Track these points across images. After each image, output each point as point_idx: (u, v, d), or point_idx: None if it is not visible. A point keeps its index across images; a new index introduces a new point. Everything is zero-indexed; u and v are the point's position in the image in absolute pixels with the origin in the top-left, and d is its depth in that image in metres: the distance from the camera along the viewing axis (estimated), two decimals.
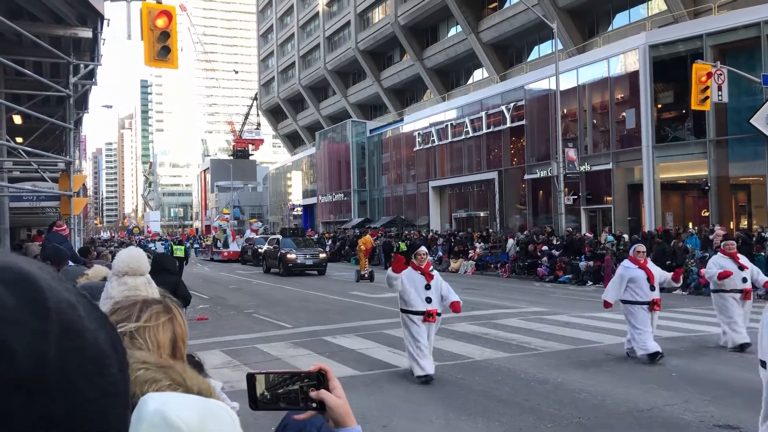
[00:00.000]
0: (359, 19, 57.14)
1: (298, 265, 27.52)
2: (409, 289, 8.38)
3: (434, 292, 8.47)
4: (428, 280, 8.46)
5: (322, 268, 28.15)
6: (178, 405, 1.05)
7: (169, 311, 1.44)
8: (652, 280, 9.58)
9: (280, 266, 28.08)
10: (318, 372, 1.35)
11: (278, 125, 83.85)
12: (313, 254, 28.26)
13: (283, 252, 28.02)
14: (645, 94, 26.15)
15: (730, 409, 6.82)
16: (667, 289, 19.60)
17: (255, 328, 13.12)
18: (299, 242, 30.03)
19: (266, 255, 30.68)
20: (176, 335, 1.42)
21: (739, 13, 24.75)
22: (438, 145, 40.39)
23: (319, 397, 1.32)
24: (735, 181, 25.39)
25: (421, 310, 8.36)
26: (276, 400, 1.32)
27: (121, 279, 3.04)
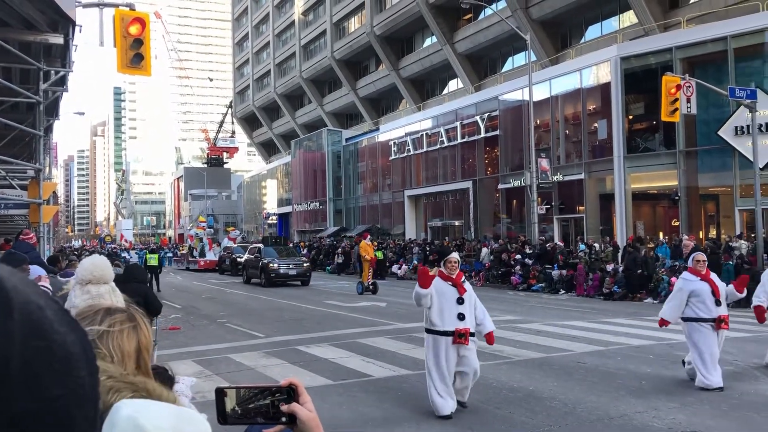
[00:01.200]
0: (335, 29, 57.26)
1: (281, 275, 26.50)
2: (437, 303, 7.03)
3: (468, 308, 7.11)
4: (461, 292, 7.11)
5: (306, 278, 27.15)
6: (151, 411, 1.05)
7: (133, 320, 1.43)
8: (717, 293, 8.37)
9: (261, 276, 27.02)
10: (289, 386, 1.35)
11: (253, 133, 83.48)
12: (296, 264, 27.30)
13: (265, 261, 27.00)
14: (616, 106, 26.56)
15: (698, 416, 6.92)
16: (637, 297, 19.91)
17: (228, 338, 13.01)
18: (281, 251, 28.98)
19: (246, 264, 29.59)
20: (141, 345, 1.41)
21: (707, 27, 25.29)
22: (413, 155, 40.54)
23: (291, 411, 1.32)
24: (704, 191, 25.86)
25: (450, 329, 6.96)
26: (246, 414, 1.32)
27: (85, 287, 3.00)
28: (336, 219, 50.36)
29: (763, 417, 6.83)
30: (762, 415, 6.88)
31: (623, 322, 14.61)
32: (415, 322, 14.65)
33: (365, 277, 22.34)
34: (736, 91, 19.40)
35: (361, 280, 22.58)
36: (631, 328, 13.65)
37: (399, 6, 47.05)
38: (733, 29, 23.48)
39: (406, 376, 9.10)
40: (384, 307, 18.31)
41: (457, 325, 6.97)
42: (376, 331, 13.40)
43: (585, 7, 34.89)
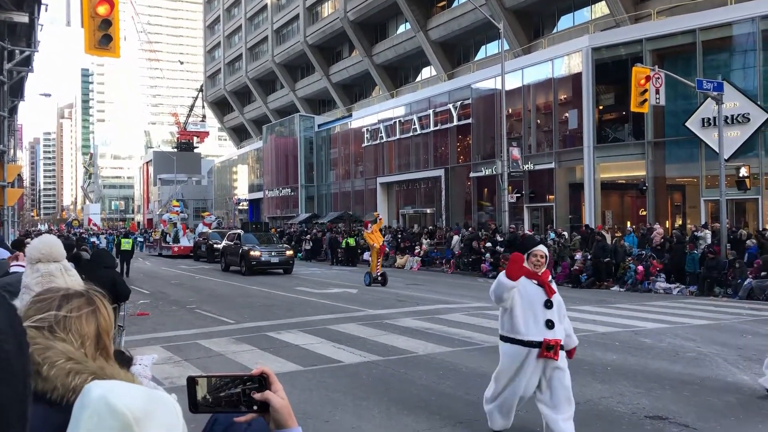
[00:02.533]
0: (308, 13, 56.74)
1: (262, 263, 25.45)
2: (520, 306, 5.67)
3: (557, 314, 5.72)
4: (549, 294, 5.73)
5: (289, 267, 26.10)
6: (123, 392, 1.05)
7: (91, 303, 1.41)
8: None
9: (241, 264, 25.90)
10: (261, 375, 1.35)
11: (224, 118, 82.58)
12: (279, 251, 26.23)
13: (246, 248, 25.91)
14: (587, 96, 26.82)
15: (661, 401, 7.08)
16: (604, 285, 20.23)
17: (197, 324, 12.93)
18: (262, 238, 27.86)
19: (225, 251, 28.40)
20: (100, 328, 1.39)
21: (676, 19, 25.62)
22: (386, 142, 40.52)
23: (264, 398, 1.32)
24: (671, 181, 26.31)
25: (536, 339, 5.60)
26: (218, 403, 1.32)
27: (35, 266, 2.96)
28: (308, 205, 50.19)
29: (723, 401, 7.02)
30: (722, 400, 7.07)
31: (591, 309, 14.85)
32: (386, 309, 14.74)
33: (373, 268, 20.79)
34: (704, 83, 19.71)
35: (368, 271, 21.01)
36: (598, 315, 13.88)
37: None
38: (702, 22, 23.83)
39: (377, 362, 9.15)
40: (355, 294, 18.35)
41: (545, 335, 5.60)
42: (346, 318, 13.42)
43: None
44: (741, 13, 23.20)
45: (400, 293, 18.62)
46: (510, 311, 5.71)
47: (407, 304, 15.96)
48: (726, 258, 18.46)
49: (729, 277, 18.03)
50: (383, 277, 20.47)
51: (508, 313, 5.75)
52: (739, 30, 23.30)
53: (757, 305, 15.80)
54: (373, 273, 20.55)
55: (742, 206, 23.94)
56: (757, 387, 7.59)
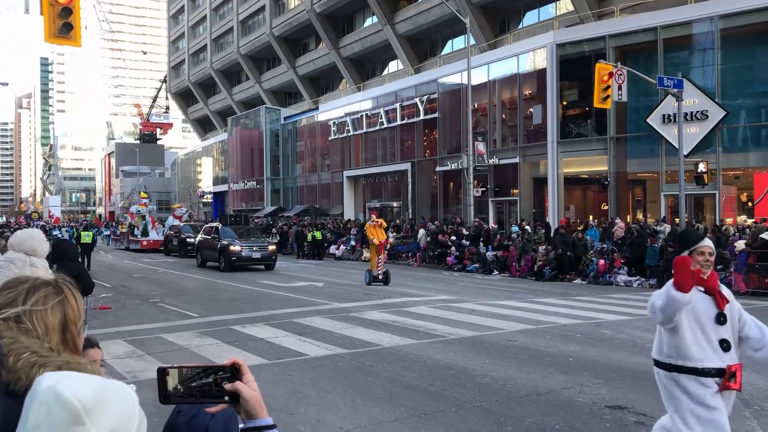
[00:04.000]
0: (274, 4, 56.25)
1: (243, 259, 24.02)
2: (687, 322, 4.18)
3: (730, 330, 4.22)
4: (721, 305, 4.24)
5: (271, 262, 24.64)
6: (73, 381, 1.05)
7: (59, 292, 1.40)
8: None
9: (220, 260, 24.46)
10: (232, 365, 1.36)
11: (188, 109, 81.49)
12: (260, 246, 24.81)
13: (225, 243, 24.35)
14: (551, 92, 27.15)
15: (620, 391, 7.25)
16: (567, 278, 20.56)
17: (160, 318, 12.78)
18: (242, 232, 26.21)
19: (202, 246, 26.65)
20: (67, 318, 1.38)
21: (639, 17, 26.08)
22: (353, 135, 40.46)
23: (235, 389, 1.33)
24: (632, 176, 26.82)
25: (713, 366, 4.12)
26: (189, 393, 1.33)
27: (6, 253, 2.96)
28: (273, 198, 49.89)
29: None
30: None
31: (553, 302, 15.08)
32: (352, 302, 14.76)
33: (373, 265, 19.07)
34: (665, 80, 20.09)
35: (369, 269, 19.21)
36: (560, 307, 14.11)
37: None
38: (663, 20, 24.30)
39: (342, 354, 9.17)
40: (321, 287, 18.32)
41: (723, 360, 4.12)
42: (312, 311, 13.41)
43: None
44: (700, 12, 23.73)
45: (366, 286, 18.65)
46: (674, 330, 4.21)
47: (373, 297, 16.00)
48: None
49: None
50: (385, 275, 18.78)
51: (672, 332, 4.23)
52: (699, 29, 23.83)
53: None
54: (373, 271, 18.90)
55: (701, 201, 24.54)
56: None
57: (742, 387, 4.23)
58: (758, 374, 7.93)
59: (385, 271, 18.95)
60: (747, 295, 16.38)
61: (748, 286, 16.67)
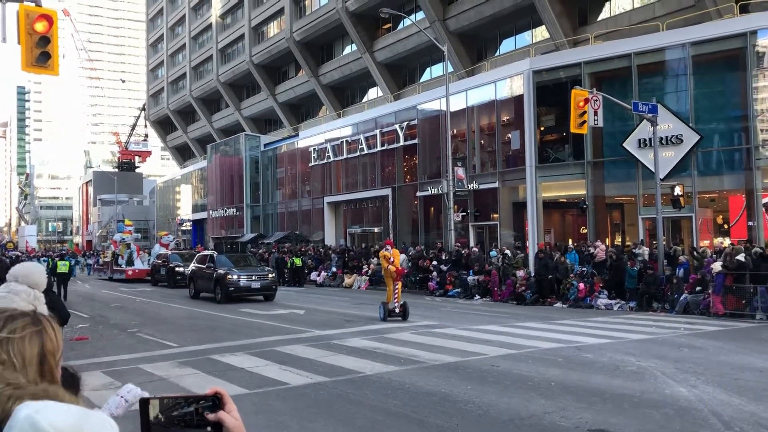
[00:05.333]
0: (254, 33, 56.59)
1: (241, 289, 22.29)
2: None
3: None
4: None
5: (272, 292, 22.86)
6: (52, 412, 1.04)
7: (37, 324, 1.38)
8: None
9: (216, 290, 22.68)
10: (214, 395, 1.35)
11: (167, 137, 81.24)
12: (260, 275, 22.91)
13: (221, 272, 22.60)
14: (529, 117, 27.47)
15: (602, 414, 7.25)
16: (548, 302, 20.63)
17: (139, 348, 12.58)
18: (238, 260, 24.62)
19: (195, 276, 24.91)
20: (45, 350, 1.36)
21: (613, 44, 26.59)
22: (333, 161, 40.53)
23: (218, 419, 1.32)
24: (610, 200, 27.10)
25: None
26: (170, 422, 1.31)
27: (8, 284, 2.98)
28: (253, 225, 49.63)
29: (661, 414, 7.22)
30: (660, 412, 7.28)
31: (535, 326, 15.11)
32: (333, 329, 14.66)
33: (389, 297, 16.68)
34: (640, 105, 20.46)
35: (384, 302, 16.83)
36: (542, 331, 14.13)
37: (319, 13, 47.02)
38: (637, 47, 24.78)
39: (323, 383, 9.08)
40: (302, 315, 18.19)
41: None
42: (293, 339, 13.29)
43: (500, 21, 35.98)
44: (673, 39, 24.25)
45: (348, 313, 18.55)
46: None
47: (355, 324, 15.91)
48: (663, 274, 19.08)
49: (666, 292, 18.64)
50: (403, 308, 16.44)
51: None
52: (672, 55, 24.33)
53: (692, 319, 16.37)
54: (389, 303, 16.52)
55: (678, 224, 24.83)
56: (693, 398, 7.85)
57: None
58: (742, 397, 7.98)
59: (403, 303, 16.52)
60: (725, 316, 16.54)
61: (726, 308, 16.83)
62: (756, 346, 12.04)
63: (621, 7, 31.62)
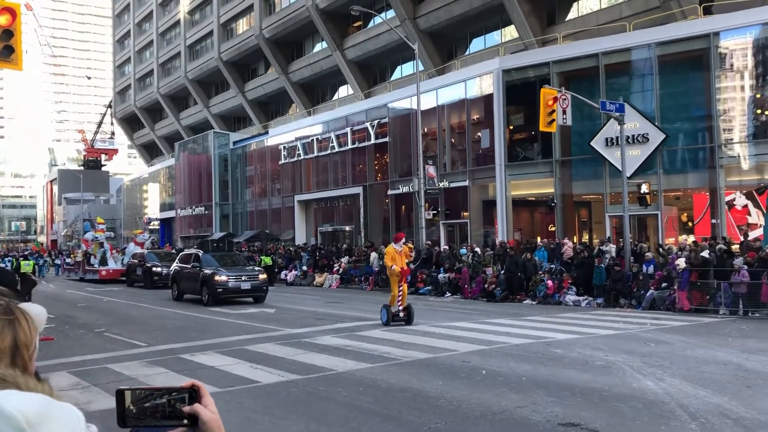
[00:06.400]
0: (222, 29, 56.05)
1: (230, 290, 20.92)
2: None
3: None
4: None
5: (262, 294, 21.46)
6: (17, 397, 1.03)
7: (10, 313, 1.35)
8: None
9: (203, 292, 21.31)
10: (191, 387, 1.33)
11: (134, 135, 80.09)
12: (250, 275, 21.56)
13: (208, 273, 21.17)
14: (498, 116, 27.68)
15: (573, 408, 7.34)
16: (517, 298, 20.83)
17: (107, 348, 12.38)
18: (226, 259, 23.40)
19: (178, 277, 23.30)
20: (18, 341, 1.33)
21: (581, 43, 26.93)
22: (303, 159, 40.35)
23: (193, 411, 1.30)
24: (578, 198, 27.45)
25: None
26: (143, 414, 1.29)
27: None
28: (222, 224, 49.17)
29: (630, 407, 7.34)
30: (628, 405, 7.40)
31: (504, 322, 15.24)
32: (304, 328, 14.61)
33: (393, 299, 15.05)
34: (607, 104, 20.76)
35: (387, 304, 15.14)
36: (511, 327, 14.26)
37: (289, 10, 46.76)
38: (604, 47, 25.15)
39: (295, 380, 9.04)
40: (272, 314, 18.09)
41: None
42: (264, 338, 13.21)
43: (470, 21, 36.19)
44: (639, 39, 24.66)
45: (319, 311, 18.51)
46: None
47: (326, 321, 15.88)
48: (630, 271, 19.39)
49: (633, 288, 18.95)
50: (407, 311, 15.03)
51: None
52: (638, 55, 24.73)
53: (658, 315, 16.68)
54: (393, 306, 15.01)
55: (644, 221, 25.27)
56: (660, 392, 8.00)
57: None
58: (707, 389, 8.16)
59: (407, 306, 15.10)
60: (690, 312, 16.89)
61: (692, 303, 17.18)
62: (720, 341, 12.32)
63: (589, 7, 32.05)
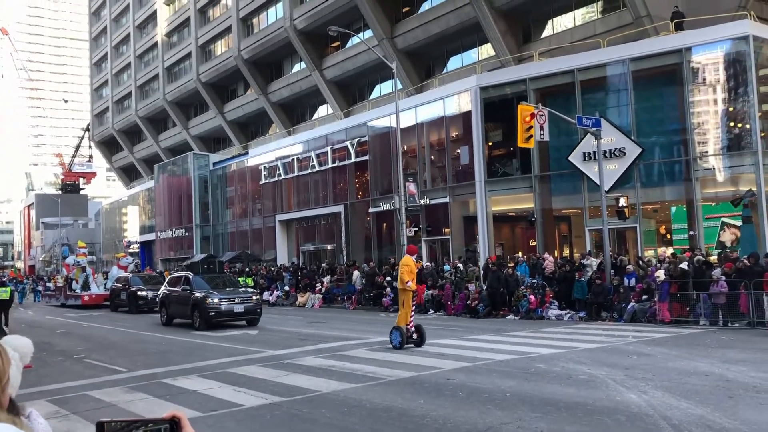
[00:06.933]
0: (201, 51, 56.08)
1: (223, 314, 19.97)
2: None
3: None
4: None
5: (256, 316, 20.69)
6: None
7: None
8: None
9: (194, 316, 20.38)
10: (171, 418, 1.33)
11: (113, 158, 79.52)
12: (243, 298, 20.63)
13: (199, 296, 20.22)
14: (477, 133, 27.91)
15: (558, 423, 7.35)
16: (500, 314, 20.86)
17: (86, 374, 12.19)
18: (217, 281, 22.32)
19: (168, 300, 22.44)
20: None
21: (556, 60, 27.30)
22: (284, 179, 40.29)
23: None
24: (557, 213, 27.67)
25: None
26: None
27: None
28: (203, 246, 48.81)
29: (613, 420, 7.37)
30: (612, 419, 7.43)
31: (488, 338, 15.26)
32: (287, 349, 14.50)
33: (405, 319, 13.83)
34: (583, 119, 21.01)
35: (396, 325, 13.86)
36: (495, 344, 14.27)
37: (267, 31, 46.96)
38: (579, 63, 25.51)
39: (279, 403, 8.96)
40: (255, 335, 17.95)
41: None
42: (247, 360, 13.09)
43: (446, 39, 36.58)
44: (613, 55, 25.05)
45: (302, 332, 18.39)
46: None
47: (309, 342, 15.78)
48: (611, 284, 19.54)
49: (614, 301, 19.08)
50: (419, 332, 13.95)
51: None
52: (612, 71, 25.12)
53: (639, 327, 16.80)
54: (403, 327, 13.73)
55: (623, 234, 25.51)
56: (643, 404, 8.04)
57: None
58: (689, 400, 8.21)
59: (418, 325, 14.04)
60: (671, 323, 17.03)
61: (672, 315, 17.33)
62: (701, 351, 12.42)
63: (563, 24, 32.56)
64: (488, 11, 32.67)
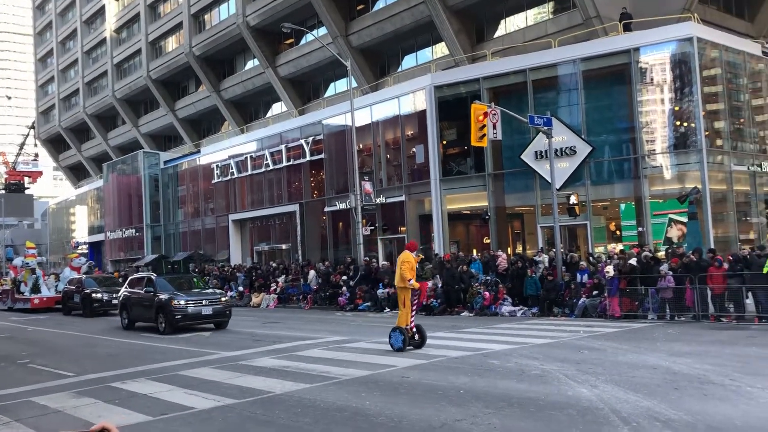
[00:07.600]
0: (151, 48, 54.96)
1: (190, 317, 18.91)
2: None
3: None
4: None
5: (225, 319, 19.69)
6: None
7: None
8: None
9: (158, 319, 19.34)
10: (101, 430, 1.27)
11: (60, 156, 77.34)
12: (211, 300, 19.69)
13: (164, 298, 19.24)
14: (432, 132, 28.05)
15: (510, 418, 7.42)
16: (455, 311, 21.01)
17: (30, 380, 11.79)
18: (182, 283, 21.47)
19: (129, 303, 21.20)
20: None
21: (509, 60, 27.63)
22: (237, 178, 39.80)
23: None
24: (510, 210, 28.03)
25: None
26: None
27: None
28: (154, 246, 47.86)
29: (565, 415, 7.47)
30: (564, 413, 7.53)
31: (443, 335, 15.34)
32: (241, 350, 14.31)
33: (406, 319, 13.10)
34: (535, 118, 21.30)
35: (397, 326, 13.09)
36: (450, 340, 14.35)
37: (219, 27, 46.29)
38: (531, 63, 25.87)
39: (232, 405, 8.82)
40: (208, 337, 17.67)
41: None
42: (199, 362, 12.86)
43: (401, 38, 36.65)
44: (564, 55, 25.49)
45: (256, 332, 18.18)
46: None
47: (263, 343, 15.60)
48: (562, 280, 19.87)
49: (566, 297, 19.41)
50: (420, 332, 13.27)
51: None
52: (563, 71, 25.56)
53: (590, 322, 17.13)
54: (404, 327, 12.99)
55: (574, 231, 25.99)
56: (594, 398, 8.18)
57: None
58: (638, 393, 8.39)
59: (418, 326, 13.35)
60: (621, 318, 17.42)
61: (622, 310, 17.72)
62: (649, 345, 12.73)
63: (516, 24, 32.98)
64: (442, 10, 32.87)
